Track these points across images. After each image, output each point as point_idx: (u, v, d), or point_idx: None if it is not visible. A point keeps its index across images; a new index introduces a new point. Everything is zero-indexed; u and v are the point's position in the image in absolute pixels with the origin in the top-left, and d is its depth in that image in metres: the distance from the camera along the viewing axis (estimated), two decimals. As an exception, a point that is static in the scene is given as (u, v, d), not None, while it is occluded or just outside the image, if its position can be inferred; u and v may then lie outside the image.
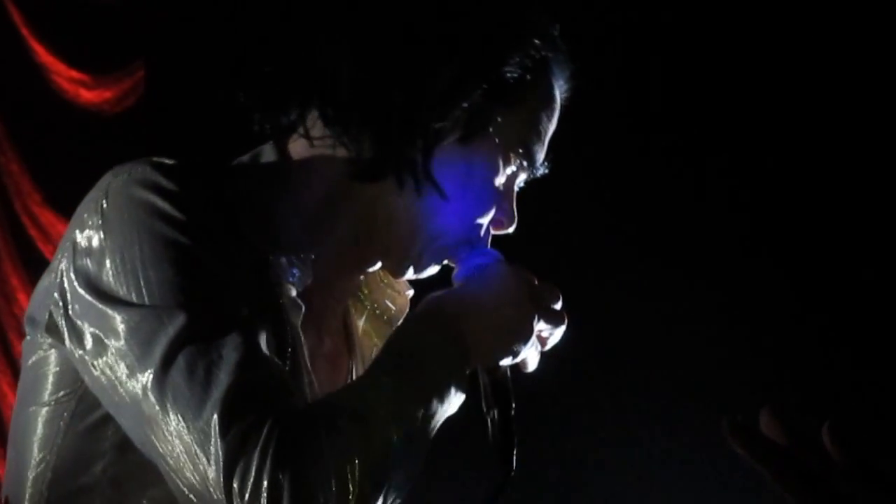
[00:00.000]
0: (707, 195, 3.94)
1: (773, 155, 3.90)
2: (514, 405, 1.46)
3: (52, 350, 1.44)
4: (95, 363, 1.36)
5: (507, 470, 1.44)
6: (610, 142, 3.86)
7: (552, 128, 1.56)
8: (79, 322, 1.38)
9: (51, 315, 1.42)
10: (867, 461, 0.80)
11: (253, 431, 1.28)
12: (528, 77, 1.50)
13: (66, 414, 1.43)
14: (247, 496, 1.26)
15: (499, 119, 1.49)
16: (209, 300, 1.36)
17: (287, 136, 1.54)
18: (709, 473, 3.79)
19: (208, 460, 1.28)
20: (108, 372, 1.35)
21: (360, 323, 1.66)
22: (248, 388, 1.30)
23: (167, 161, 1.45)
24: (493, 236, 1.58)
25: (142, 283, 1.35)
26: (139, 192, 1.39)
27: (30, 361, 1.47)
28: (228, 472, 1.27)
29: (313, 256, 1.49)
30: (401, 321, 1.63)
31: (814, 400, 3.45)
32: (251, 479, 1.26)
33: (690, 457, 3.85)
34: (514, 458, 1.44)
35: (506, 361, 1.46)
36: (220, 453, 1.27)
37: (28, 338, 1.47)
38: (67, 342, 1.40)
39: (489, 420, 1.46)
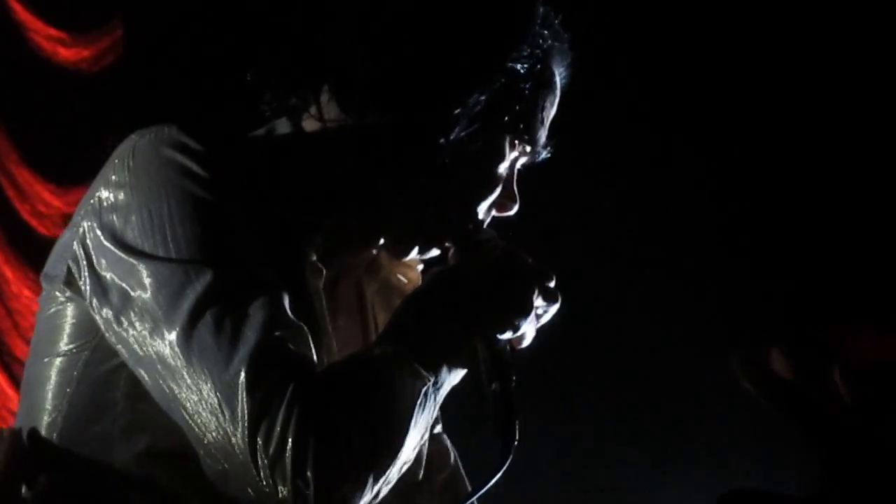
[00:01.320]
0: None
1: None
2: (514, 378, 1.46)
3: (69, 303, 1.45)
4: (121, 317, 1.37)
5: (510, 441, 1.44)
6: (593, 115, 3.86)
7: (553, 113, 1.58)
8: (106, 275, 1.39)
9: (69, 270, 1.42)
10: (876, 397, 0.81)
11: (279, 390, 1.29)
12: (536, 67, 1.53)
13: (79, 364, 1.44)
14: (271, 453, 1.27)
15: (505, 107, 1.51)
16: (236, 258, 1.37)
17: (299, 115, 1.55)
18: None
19: (233, 415, 1.29)
20: (135, 324, 1.36)
21: (371, 295, 1.67)
22: (274, 346, 1.31)
23: (191, 124, 1.45)
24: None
25: (169, 237, 1.36)
26: (166, 150, 1.40)
27: (46, 314, 1.48)
28: (253, 429, 1.28)
29: (329, 225, 1.50)
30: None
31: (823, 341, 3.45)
32: (276, 438, 1.27)
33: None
34: (517, 429, 1.44)
35: (506, 335, 1.48)
36: (246, 410, 1.28)
37: (44, 293, 1.49)
38: (89, 296, 1.40)
39: (491, 393, 1.46)
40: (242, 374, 1.29)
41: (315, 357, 1.38)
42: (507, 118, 1.52)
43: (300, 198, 1.50)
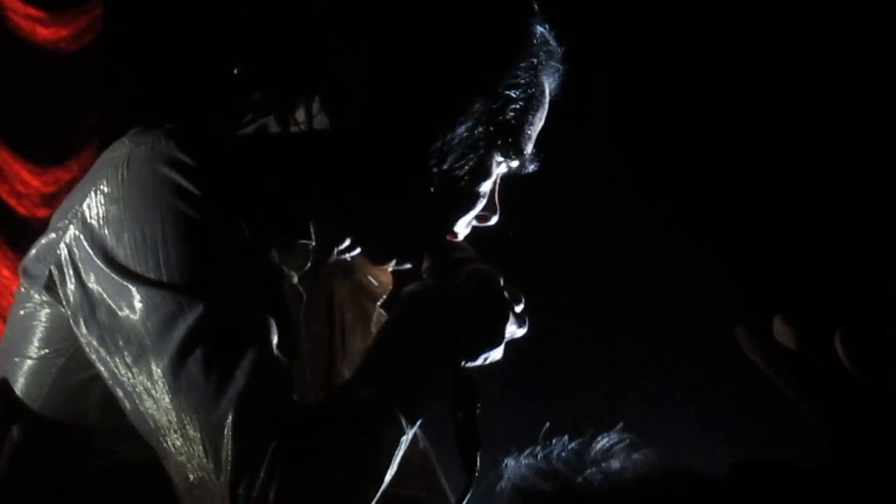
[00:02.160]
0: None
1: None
2: (478, 405, 1.47)
3: (45, 307, 1.42)
4: (106, 337, 1.35)
5: (471, 473, 1.45)
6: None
7: (540, 126, 1.56)
8: (94, 291, 1.36)
9: (51, 275, 1.40)
10: (880, 370, 0.81)
11: (264, 437, 1.28)
12: (523, 83, 1.51)
13: (53, 371, 1.42)
14: (252, 502, 1.28)
15: (496, 128, 1.49)
16: (227, 289, 1.35)
17: (287, 120, 1.52)
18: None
19: (217, 460, 1.28)
20: (120, 347, 1.34)
21: (341, 294, 1.66)
22: (262, 390, 1.30)
23: (186, 133, 1.42)
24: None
25: (161, 262, 1.33)
26: (162, 168, 1.37)
27: (20, 312, 1.46)
28: (236, 477, 1.27)
29: (313, 239, 1.49)
30: (380, 311, 1.64)
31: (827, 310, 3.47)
32: (258, 488, 1.27)
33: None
34: (478, 459, 1.45)
35: (474, 364, 1.48)
36: (230, 456, 1.27)
37: (22, 288, 1.46)
38: (73, 308, 1.38)
39: (456, 421, 1.47)
40: (230, 418, 1.28)
41: (295, 397, 1.37)
42: (495, 138, 1.49)
43: (287, 214, 1.48)
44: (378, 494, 1.38)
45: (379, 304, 1.64)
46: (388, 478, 1.38)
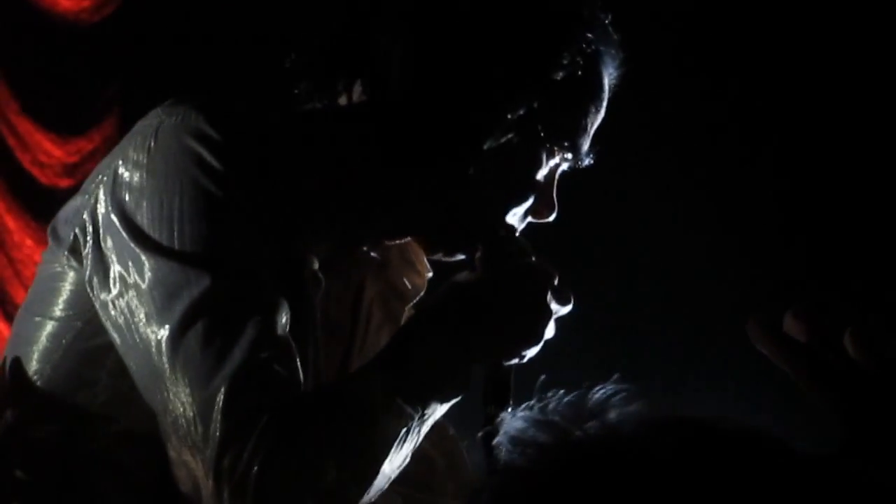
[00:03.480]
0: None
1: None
2: (511, 404, 1.44)
3: (69, 270, 1.43)
4: (116, 301, 1.36)
5: (493, 469, 1.43)
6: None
7: (599, 118, 1.53)
8: (109, 256, 1.37)
9: (75, 237, 1.41)
10: (890, 362, 0.81)
11: (253, 417, 1.28)
12: (579, 73, 1.47)
13: (70, 334, 1.43)
14: (235, 480, 1.27)
15: (546, 115, 1.47)
16: (239, 266, 1.35)
17: (331, 106, 1.52)
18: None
19: (206, 434, 1.28)
20: (126, 313, 1.35)
21: (372, 294, 1.63)
22: (258, 368, 1.30)
23: (219, 107, 1.42)
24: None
25: (176, 233, 1.34)
26: (189, 141, 1.37)
27: (46, 272, 1.47)
28: (221, 452, 1.27)
29: (341, 225, 1.49)
30: (411, 311, 1.60)
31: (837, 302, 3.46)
32: (241, 467, 1.27)
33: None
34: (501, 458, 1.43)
35: (511, 362, 1.46)
36: (218, 432, 1.27)
37: (49, 249, 1.47)
38: (89, 272, 1.39)
39: (485, 415, 1.44)
40: (221, 394, 1.28)
41: (301, 374, 1.36)
42: (546, 126, 1.47)
43: (317, 196, 1.47)
44: (374, 485, 1.35)
45: (409, 306, 1.61)
46: (387, 468, 1.36)
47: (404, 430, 1.36)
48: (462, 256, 1.54)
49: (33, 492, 1.42)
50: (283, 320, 1.36)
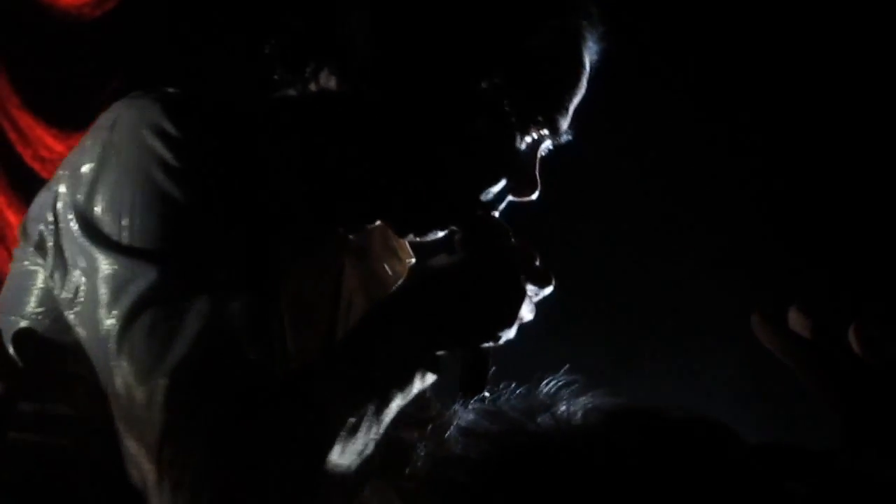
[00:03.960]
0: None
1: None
2: (486, 390, 1.40)
3: (39, 268, 1.42)
4: (75, 297, 1.36)
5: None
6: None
7: (579, 95, 1.49)
8: (67, 251, 1.37)
9: (41, 234, 1.40)
10: (892, 358, 0.82)
11: (195, 408, 1.26)
12: (555, 48, 1.44)
13: (40, 331, 1.42)
14: (174, 474, 1.24)
15: (516, 91, 1.43)
16: (187, 260, 1.33)
17: (305, 87, 1.50)
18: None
19: (150, 429, 1.26)
20: (83, 308, 1.35)
21: (354, 281, 1.61)
22: (201, 361, 1.28)
23: (179, 99, 1.40)
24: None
25: (126, 227, 1.33)
26: (145, 134, 1.36)
27: (17, 271, 1.45)
28: (161, 445, 1.25)
29: (313, 210, 1.47)
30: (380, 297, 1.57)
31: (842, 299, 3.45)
32: (180, 460, 1.24)
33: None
34: None
35: (486, 344, 1.43)
36: (159, 423, 1.25)
37: (20, 246, 1.46)
38: (51, 269, 1.39)
39: (460, 400, 1.40)
40: (163, 387, 1.26)
41: (251, 370, 1.32)
42: (516, 102, 1.44)
43: (287, 180, 1.45)
44: (328, 477, 1.31)
45: (370, 306, 1.58)
46: (343, 460, 1.32)
47: (357, 421, 1.32)
48: (438, 236, 1.51)
49: (10, 493, 1.41)
50: (242, 310, 1.33)
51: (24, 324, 1.42)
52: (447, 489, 0.79)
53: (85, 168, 1.37)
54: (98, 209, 1.35)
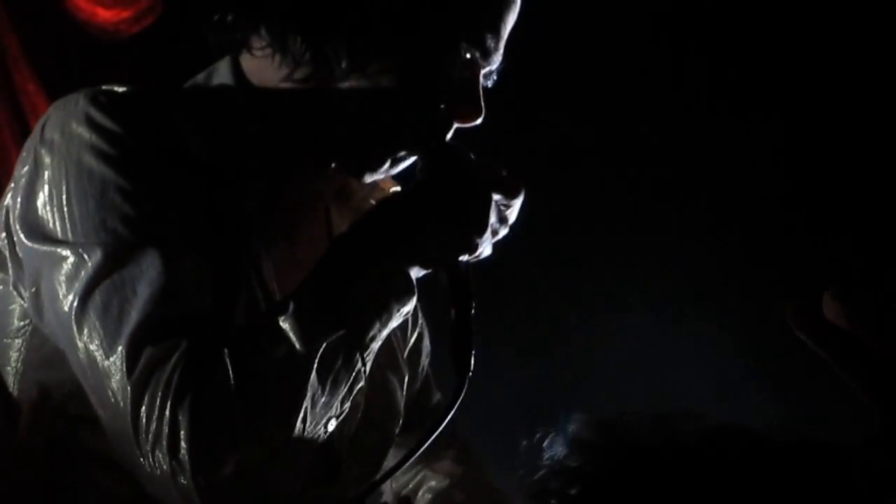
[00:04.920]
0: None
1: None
2: (473, 304, 1.41)
3: (8, 285, 1.44)
4: (37, 302, 1.38)
5: (464, 373, 1.39)
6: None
7: (510, 15, 1.49)
8: (22, 262, 1.39)
9: (1, 251, 1.43)
10: None
11: (157, 368, 1.27)
12: None
13: (22, 348, 1.44)
14: (150, 436, 1.25)
15: (443, 11, 1.43)
16: (130, 233, 1.34)
17: (238, 52, 1.52)
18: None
19: (120, 398, 1.27)
20: (46, 311, 1.37)
21: (342, 223, 1.61)
22: (157, 322, 1.29)
23: (110, 89, 1.44)
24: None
25: (66, 218, 1.35)
26: (71, 126, 1.38)
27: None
28: (135, 412, 1.26)
29: (270, 168, 1.47)
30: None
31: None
32: (154, 418, 1.25)
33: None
34: (472, 359, 1.40)
35: (465, 256, 1.41)
36: (128, 392, 1.27)
37: None
38: (13, 282, 1.41)
39: (450, 317, 1.42)
40: (122, 358, 1.27)
41: (211, 323, 1.32)
42: (444, 22, 1.43)
43: (235, 147, 1.46)
44: (298, 417, 1.29)
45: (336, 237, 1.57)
46: (309, 399, 1.30)
47: (333, 352, 1.31)
48: (397, 170, 1.51)
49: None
50: (191, 267, 1.34)
51: (6, 342, 1.45)
52: (558, 501, 0.78)
53: (23, 175, 1.40)
54: (39, 208, 1.37)
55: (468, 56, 1.46)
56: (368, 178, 1.52)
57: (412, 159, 1.49)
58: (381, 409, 1.59)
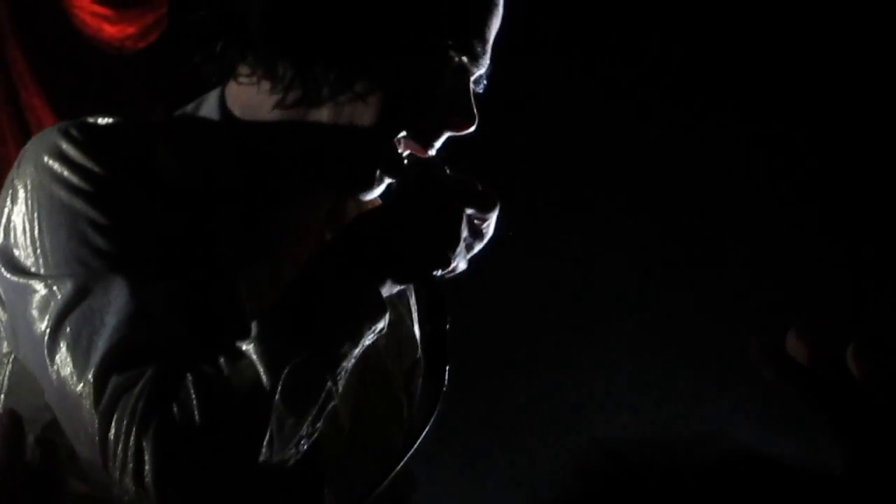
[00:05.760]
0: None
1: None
2: (448, 320, 1.40)
3: None
4: (14, 333, 1.40)
5: (439, 388, 1.39)
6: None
7: (495, 20, 1.48)
8: (1, 290, 1.42)
9: None
10: (892, 382, 0.81)
11: (122, 396, 1.27)
12: None
13: (7, 372, 1.46)
14: (118, 463, 1.26)
15: (430, 17, 1.43)
16: (100, 264, 1.35)
17: (225, 80, 1.53)
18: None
19: (89, 427, 1.28)
20: (19, 339, 1.39)
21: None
22: (123, 351, 1.29)
23: (87, 122, 1.43)
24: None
25: (38, 252, 1.36)
26: (45, 159, 1.39)
27: None
28: (103, 440, 1.27)
29: (248, 191, 1.47)
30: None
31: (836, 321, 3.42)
32: (120, 446, 1.26)
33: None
34: (446, 375, 1.39)
35: (439, 271, 1.40)
36: (95, 421, 1.28)
37: None
38: None
39: (424, 334, 1.42)
40: (90, 387, 1.28)
41: (182, 347, 1.32)
42: (431, 29, 1.43)
43: (223, 175, 1.46)
44: (263, 443, 1.29)
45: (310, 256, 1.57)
46: (277, 422, 1.29)
47: (303, 371, 1.30)
48: (381, 188, 1.50)
49: None
50: (161, 293, 1.34)
51: None
52: None
53: (3, 207, 1.42)
54: (13, 242, 1.39)
55: (457, 62, 1.46)
56: (367, 196, 1.52)
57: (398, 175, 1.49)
58: (372, 435, 1.57)
